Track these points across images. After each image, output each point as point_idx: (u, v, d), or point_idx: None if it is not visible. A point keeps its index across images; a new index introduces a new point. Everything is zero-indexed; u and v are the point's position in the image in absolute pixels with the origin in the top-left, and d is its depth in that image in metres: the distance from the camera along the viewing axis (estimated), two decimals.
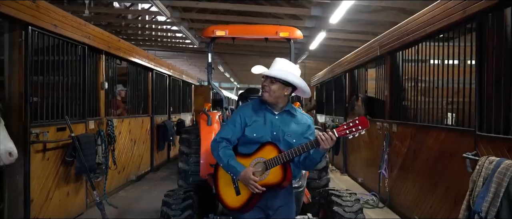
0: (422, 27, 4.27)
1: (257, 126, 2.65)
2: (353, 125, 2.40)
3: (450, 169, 3.79)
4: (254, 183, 2.48)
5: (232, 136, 2.68)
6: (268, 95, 2.65)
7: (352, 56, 7.55)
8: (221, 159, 2.61)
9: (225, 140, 2.67)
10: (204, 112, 4.72)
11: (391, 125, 5.46)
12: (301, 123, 2.72)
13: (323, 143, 2.40)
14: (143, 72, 8.01)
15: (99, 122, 5.61)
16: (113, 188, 6.24)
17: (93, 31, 5.25)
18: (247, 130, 2.66)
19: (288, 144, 2.62)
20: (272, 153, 2.54)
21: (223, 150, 2.63)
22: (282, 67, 2.65)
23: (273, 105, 2.68)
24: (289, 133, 2.64)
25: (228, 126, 2.73)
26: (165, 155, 9.66)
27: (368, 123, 2.41)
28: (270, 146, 2.56)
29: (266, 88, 2.64)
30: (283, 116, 2.70)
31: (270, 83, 2.64)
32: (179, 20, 11.53)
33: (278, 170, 2.53)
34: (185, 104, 12.11)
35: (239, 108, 2.81)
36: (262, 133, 2.63)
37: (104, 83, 5.76)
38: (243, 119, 2.69)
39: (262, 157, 2.56)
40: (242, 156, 2.63)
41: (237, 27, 4.51)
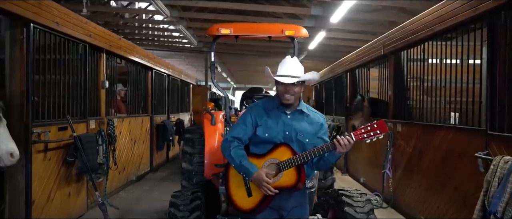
0: (429, 26, 4.23)
1: (269, 125, 2.60)
2: (371, 129, 2.35)
3: (459, 169, 3.75)
4: (267, 185, 2.42)
5: (243, 135, 2.62)
6: (294, 99, 2.59)
7: (353, 56, 7.51)
8: (233, 159, 2.55)
9: (236, 140, 2.61)
10: (208, 111, 4.65)
11: (396, 124, 5.42)
12: (314, 122, 2.67)
13: (340, 148, 2.37)
14: (143, 71, 7.92)
15: (100, 121, 5.53)
16: (113, 189, 6.16)
17: (94, 30, 5.17)
18: (259, 130, 2.61)
19: (301, 144, 2.57)
20: (285, 154, 2.48)
21: (235, 149, 2.57)
22: (298, 67, 2.61)
23: (287, 105, 2.63)
24: (302, 133, 2.60)
25: (239, 126, 2.67)
26: (164, 155, 9.58)
27: (387, 127, 2.36)
28: (284, 147, 2.51)
29: (291, 92, 2.56)
30: (295, 115, 2.65)
31: (294, 86, 2.57)
32: (178, 19, 11.46)
33: (292, 172, 2.47)
34: (183, 104, 12.03)
35: (249, 108, 2.76)
36: (274, 133, 2.58)
37: (105, 82, 5.68)
38: (254, 119, 2.64)
39: (275, 158, 2.50)
40: (255, 156, 2.58)
41: (242, 26, 4.45)
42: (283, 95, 2.56)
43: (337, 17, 8.93)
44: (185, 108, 12.21)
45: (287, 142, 2.55)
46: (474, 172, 3.47)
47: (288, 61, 2.63)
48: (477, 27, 3.58)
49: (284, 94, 2.55)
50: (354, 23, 11.20)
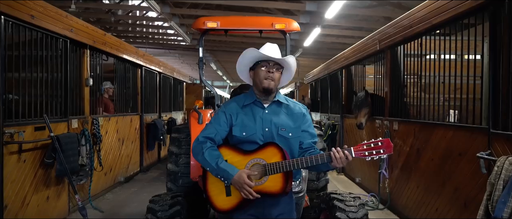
0: (427, 18, 4.01)
1: (245, 123, 2.36)
2: (374, 147, 2.10)
3: (459, 169, 3.54)
4: (249, 189, 2.17)
5: (216, 135, 2.36)
6: (274, 84, 2.36)
7: (349, 52, 7.29)
8: (208, 162, 2.26)
9: (209, 140, 2.35)
10: (195, 109, 4.44)
11: (392, 122, 5.21)
12: (295, 112, 2.44)
13: (336, 162, 2.13)
14: (132, 69, 7.67)
15: (84, 120, 5.28)
16: (99, 191, 5.91)
17: (76, 24, 4.91)
18: (235, 130, 2.36)
19: (284, 140, 2.34)
20: (274, 156, 2.22)
21: (209, 151, 2.29)
22: (278, 52, 2.40)
23: (265, 96, 2.40)
24: (283, 127, 2.36)
25: (212, 125, 2.41)
26: (156, 155, 9.34)
27: (392, 148, 2.11)
28: (273, 148, 2.24)
29: (272, 77, 2.34)
30: (273, 108, 2.41)
31: (277, 71, 2.37)
32: (170, 16, 11.21)
33: (279, 178, 2.21)
34: (176, 102, 11.78)
35: (222, 105, 2.51)
36: (253, 131, 2.34)
37: (89, 80, 5.43)
38: (228, 117, 2.39)
39: (261, 159, 2.25)
40: (238, 151, 2.32)
41: (229, 19, 4.21)
42: (264, 80, 2.34)
43: (332, 12, 8.71)
44: (178, 107, 11.97)
45: (268, 140, 2.32)
46: (476, 173, 3.27)
47: (269, 46, 2.43)
48: (478, 19, 3.35)
49: (266, 78, 2.33)
50: (349, 19, 11.00)
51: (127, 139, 7.19)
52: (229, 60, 21.67)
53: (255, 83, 2.41)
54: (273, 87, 2.35)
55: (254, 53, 2.37)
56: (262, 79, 2.34)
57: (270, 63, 2.36)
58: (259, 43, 15.56)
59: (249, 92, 2.48)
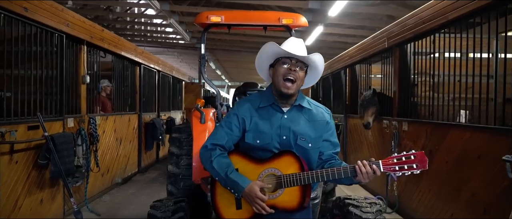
0: (442, 14, 3.81)
1: (260, 129, 2.09)
2: (406, 160, 1.87)
3: (477, 173, 3.34)
4: (261, 203, 1.94)
5: (227, 142, 2.11)
6: (295, 87, 2.07)
7: (354, 50, 7.09)
8: (217, 171, 2.02)
9: (218, 147, 2.10)
10: (197, 108, 4.23)
11: (401, 123, 5.01)
12: (317, 119, 2.16)
13: (361, 177, 1.89)
14: (130, 66, 7.45)
15: (80, 119, 5.06)
16: (96, 192, 5.69)
17: (72, 19, 4.69)
18: (248, 136, 2.10)
19: (302, 150, 2.07)
20: (291, 166, 1.98)
21: (218, 159, 2.05)
22: (303, 49, 2.11)
23: (285, 99, 2.12)
24: (303, 136, 2.09)
25: (222, 129, 2.13)
26: (154, 155, 9.12)
27: (427, 163, 1.88)
28: (290, 157, 2.00)
29: (293, 76, 2.05)
30: (293, 113, 2.13)
31: (300, 70, 2.08)
32: (169, 13, 10.99)
33: (295, 191, 1.98)
34: (175, 101, 11.57)
35: (235, 106, 2.24)
36: (268, 139, 2.07)
37: (86, 77, 5.21)
38: (241, 120, 2.13)
39: (277, 169, 2.00)
40: (251, 160, 2.08)
41: (234, 13, 4.01)
42: (284, 81, 2.05)
43: (336, 10, 8.52)
44: (177, 106, 11.76)
45: (285, 149, 2.06)
46: (497, 177, 3.08)
47: (295, 41, 2.14)
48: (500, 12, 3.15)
49: (286, 78, 2.05)
50: (352, 18, 10.82)
51: (125, 138, 6.97)
52: (228, 60, 21.45)
53: (274, 82, 2.14)
54: (293, 92, 2.08)
55: (274, 48, 2.09)
56: (281, 79, 2.07)
57: (293, 60, 2.07)
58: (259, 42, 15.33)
59: (266, 91, 2.21)
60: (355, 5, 9.30)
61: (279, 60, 2.10)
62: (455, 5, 3.60)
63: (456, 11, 3.57)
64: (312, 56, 2.09)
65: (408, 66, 5.05)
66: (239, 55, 18.09)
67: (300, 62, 2.08)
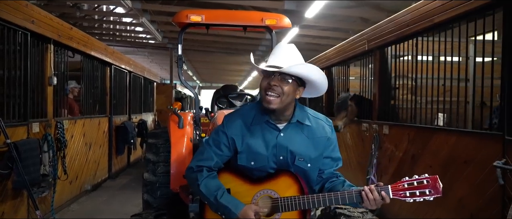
0: (428, 17, 3.77)
1: (253, 150, 1.86)
2: (418, 186, 1.72)
3: (464, 178, 3.31)
4: None
5: (216, 163, 1.90)
6: (279, 101, 1.82)
7: (332, 52, 7.04)
8: (205, 195, 1.81)
9: (206, 168, 1.88)
10: (175, 112, 4.01)
11: (381, 126, 4.97)
12: (317, 136, 1.93)
13: (368, 203, 1.71)
14: (101, 67, 7.09)
15: (46, 124, 4.71)
16: (63, 201, 5.33)
17: (38, 15, 4.35)
18: (241, 158, 1.88)
19: (301, 171, 1.88)
20: (289, 189, 1.80)
21: (206, 181, 1.83)
22: (294, 57, 1.88)
23: (276, 115, 1.90)
24: (301, 156, 1.87)
25: (210, 149, 1.91)
26: (125, 160, 8.75)
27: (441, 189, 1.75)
28: (288, 178, 1.81)
29: (275, 91, 1.80)
30: (291, 130, 1.90)
31: (281, 83, 1.81)
32: (140, 12, 10.62)
33: (294, 216, 1.81)
34: (146, 103, 11.19)
35: (224, 122, 1.98)
36: (263, 161, 1.86)
37: (52, 79, 4.86)
38: (230, 140, 1.90)
39: (273, 191, 1.82)
40: (244, 179, 1.88)
41: (215, 13, 3.82)
42: (265, 95, 1.81)
43: (313, 12, 8.48)
44: (148, 108, 11.38)
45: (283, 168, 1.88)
46: (484, 183, 3.04)
47: (281, 49, 1.89)
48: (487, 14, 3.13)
49: (268, 92, 1.80)
50: (328, 19, 10.83)
51: (95, 143, 6.61)
52: (200, 60, 21.11)
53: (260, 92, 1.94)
54: (276, 107, 1.82)
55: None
56: (263, 94, 1.84)
57: (274, 73, 1.83)
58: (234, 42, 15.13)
59: (259, 104, 1.97)
60: (330, 7, 9.30)
61: (262, 72, 1.88)
62: (441, 8, 3.56)
63: (443, 14, 3.53)
64: (291, 69, 1.79)
65: (388, 69, 5.02)
66: (211, 56, 17.81)
67: (285, 74, 1.81)
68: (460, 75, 3.55)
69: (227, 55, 16.80)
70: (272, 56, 1.88)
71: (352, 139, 6.10)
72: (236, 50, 15.83)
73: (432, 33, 3.95)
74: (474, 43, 3.64)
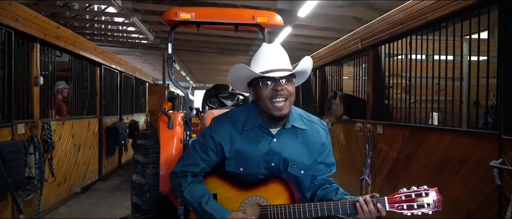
0: (421, 15, 3.71)
1: (243, 155, 1.76)
2: (416, 197, 1.62)
3: (460, 178, 3.25)
4: None
5: (202, 170, 1.80)
6: (289, 104, 1.73)
7: (325, 52, 6.97)
8: (189, 201, 1.72)
9: (190, 173, 1.78)
10: (164, 112, 3.92)
11: (375, 126, 4.90)
12: (311, 141, 1.83)
13: (363, 215, 1.63)
14: (90, 67, 6.96)
15: (32, 125, 4.58)
16: (51, 204, 5.20)
17: (22, 13, 4.23)
18: (229, 164, 1.78)
19: (293, 178, 1.79)
20: (280, 196, 1.71)
21: (191, 187, 1.74)
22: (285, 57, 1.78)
23: (277, 121, 1.78)
24: (295, 163, 1.77)
25: (197, 153, 1.80)
26: (116, 161, 8.61)
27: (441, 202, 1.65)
28: (279, 185, 1.72)
29: (282, 96, 1.69)
30: (284, 135, 1.79)
31: (286, 85, 1.71)
32: (132, 11, 10.49)
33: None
34: (138, 104, 11.06)
35: (212, 125, 1.85)
36: (253, 168, 1.76)
37: (39, 79, 4.74)
38: (218, 145, 1.79)
39: (262, 197, 1.72)
40: (232, 184, 1.78)
41: (205, 10, 3.74)
42: (274, 103, 1.68)
43: (305, 11, 8.41)
44: (140, 109, 11.24)
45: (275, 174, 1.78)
46: (480, 183, 2.98)
47: (270, 50, 1.76)
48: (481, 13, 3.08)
49: (275, 100, 1.68)
50: (320, 19, 10.79)
51: (84, 144, 6.48)
52: (193, 60, 21.00)
53: (258, 104, 1.78)
54: (288, 111, 1.74)
55: (247, 72, 1.72)
56: (268, 102, 1.71)
57: (276, 77, 1.71)
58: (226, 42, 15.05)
59: (250, 108, 1.85)
60: (323, 7, 9.26)
61: (259, 81, 1.73)
62: (434, 6, 3.50)
63: (436, 12, 3.47)
64: (299, 67, 1.74)
65: (382, 68, 4.96)
66: (204, 56, 17.71)
67: (288, 75, 1.73)
68: (454, 74, 3.49)
69: (220, 56, 16.71)
70: (263, 60, 1.74)
71: (345, 139, 6.04)
72: (229, 50, 15.74)
73: (426, 31, 3.90)
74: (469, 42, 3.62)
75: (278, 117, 1.73)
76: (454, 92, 3.49)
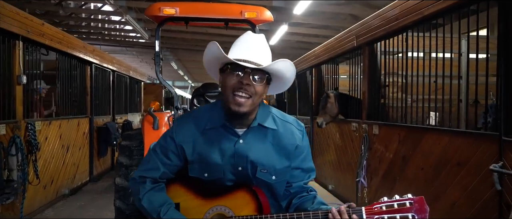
0: (417, 10, 3.54)
1: (207, 159, 1.58)
2: (398, 208, 1.40)
3: (458, 181, 3.08)
4: None
5: (162, 174, 1.62)
6: (251, 103, 1.54)
7: (321, 50, 6.80)
8: (147, 210, 1.55)
9: (150, 179, 1.61)
10: (150, 112, 3.76)
11: (371, 126, 4.74)
12: (284, 143, 1.63)
13: None
14: (80, 66, 6.79)
15: (15, 125, 4.41)
16: (36, 207, 5.03)
17: (1, 9, 4.05)
18: (193, 168, 1.60)
19: (264, 184, 1.60)
20: (246, 206, 1.53)
21: (149, 195, 1.57)
22: (265, 52, 1.58)
23: (238, 119, 1.60)
24: (264, 167, 1.58)
25: (157, 157, 1.63)
26: (109, 162, 8.44)
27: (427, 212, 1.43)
28: (245, 194, 1.54)
29: (247, 91, 1.51)
30: (251, 136, 1.60)
31: (254, 81, 1.52)
32: (126, 10, 10.31)
33: None
34: (133, 103, 10.88)
35: (173, 125, 1.71)
36: (219, 173, 1.57)
37: (22, 77, 4.56)
38: (179, 147, 1.62)
39: (227, 208, 1.55)
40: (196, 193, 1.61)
41: (190, 5, 3.56)
42: (235, 96, 1.51)
43: (301, 8, 8.24)
44: (135, 109, 11.06)
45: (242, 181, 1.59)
46: (479, 187, 2.82)
47: (252, 39, 1.58)
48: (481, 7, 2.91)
49: (237, 93, 1.51)
50: (317, 17, 10.62)
51: (73, 145, 6.31)
52: (190, 60, 20.83)
53: (223, 95, 1.60)
54: (247, 110, 1.54)
55: (217, 52, 1.53)
56: (229, 94, 1.53)
57: (246, 69, 1.52)
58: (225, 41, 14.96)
59: (216, 106, 1.68)
60: (320, 4, 9.09)
61: (228, 67, 1.55)
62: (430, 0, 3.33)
63: (432, 6, 3.30)
64: (274, 65, 1.53)
65: (377, 66, 4.79)
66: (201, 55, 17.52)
67: (258, 71, 1.53)
68: (452, 72, 3.32)
69: None
70: (240, 48, 1.56)
71: (341, 139, 5.88)
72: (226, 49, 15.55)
73: (422, 27, 3.73)
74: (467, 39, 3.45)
75: (235, 112, 1.53)
76: (452, 91, 3.32)
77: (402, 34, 4.07)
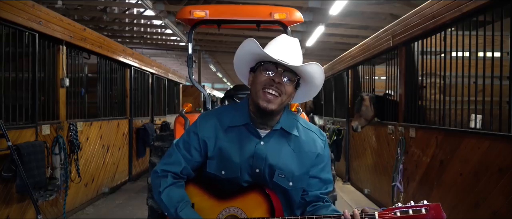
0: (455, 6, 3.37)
1: (226, 157, 1.59)
2: (413, 215, 1.34)
3: (499, 188, 2.89)
4: None
5: (183, 169, 1.64)
6: (280, 102, 1.54)
7: (356, 50, 6.65)
8: (165, 205, 1.56)
9: (171, 174, 1.63)
10: (181, 114, 3.82)
11: (408, 129, 4.56)
12: (304, 149, 1.62)
13: None
14: (120, 69, 7.06)
15: (58, 126, 4.65)
16: (78, 204, 5.27)
17: (46, 16, 4.28)
18: (211, 164, 1.61)
19: (280, 190, 1.59)
20: (258, 208, 1.52)
21: (169, 190, 1.58)
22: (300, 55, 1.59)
23: (263, 118, 1.61)
24: (282, 172, 1.57)
25: (179, 152, 1.65)
26: (147, 162, 8.67)
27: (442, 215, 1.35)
28: (258, 196, 1.53)
29: (277, 89, 1.53)
30: (273, 140, 1.61)
31: (286, 83, 1.54)
32: (165, 13, 10.62)
33: None
34: (171, 105, 11.15)
35: (197, 121, 1.70)
36: (236, 172, 1.58)
37: (65, 80, 4.80)
38: (202, 143, 1.63)
39: (240, 209, 1.54)
40: (209, 193, 1.62)
41: (220, 8, 3.61)
42: (265, 92, 1.52)
43: (337, 9, 8.10)
44: (173, 110, 11.34)
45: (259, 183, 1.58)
46: None
47: (284, 40, 1.60)
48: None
49: (267, 90, 1.51)
50: (355, 17, 10.41)
51: (113, 145, 6.56)
52: (229, 62, 21.09)
53: (251, 92, 1.61)
54: (275, 108, 1.54)
55: (254, 48, 1.53)
56: (259, 90, 1.53)
57: (279, 67, 1.54)
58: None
59: (241, 104, 1.69)
60: (357, 4, 8.90)
61: (261, 65, 1.57)
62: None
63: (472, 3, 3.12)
64: (306, 67, 1.53)
65: (415, 66, 4.61)
66: None
67: (289, 72, 1.55)
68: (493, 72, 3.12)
69: None
70: (274, 48, 1.57)
71: (377, 142, 5.70)
72: None
73: (462, 25, 3.54)
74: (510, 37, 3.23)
75: (263, 109, 1.53)
76: (493, 93, 3.12)
77: (440, 32, 3.89)
